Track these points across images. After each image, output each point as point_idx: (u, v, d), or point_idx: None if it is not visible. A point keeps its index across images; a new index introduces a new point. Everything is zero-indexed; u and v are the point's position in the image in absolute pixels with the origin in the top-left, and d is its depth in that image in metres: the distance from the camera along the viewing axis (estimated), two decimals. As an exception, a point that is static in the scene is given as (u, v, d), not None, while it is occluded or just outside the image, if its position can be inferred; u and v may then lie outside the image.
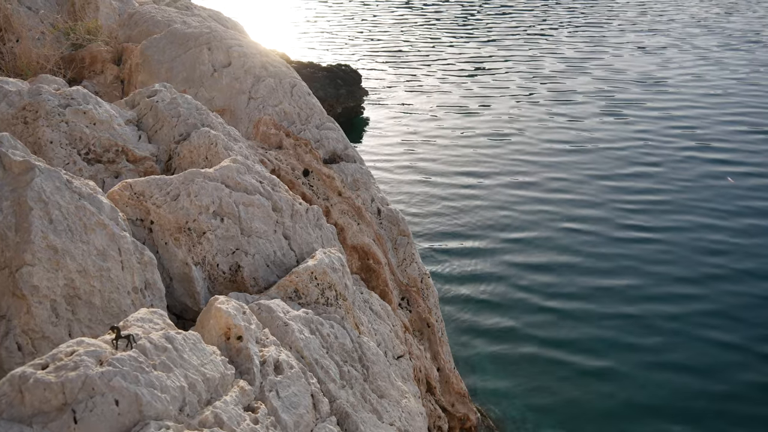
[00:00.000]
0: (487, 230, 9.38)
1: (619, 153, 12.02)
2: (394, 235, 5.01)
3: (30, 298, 2.23)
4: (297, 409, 2.20)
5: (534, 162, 11.89)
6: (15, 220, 2.31)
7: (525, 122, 14.02)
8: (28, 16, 6.72)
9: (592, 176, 11.14)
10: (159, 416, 1.70)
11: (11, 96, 3.51)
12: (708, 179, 10.81)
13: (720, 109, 14.23)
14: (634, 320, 7.25)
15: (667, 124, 13.38)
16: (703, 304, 7.49)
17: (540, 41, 21.56)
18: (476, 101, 15.58)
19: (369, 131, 14.04)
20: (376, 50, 21.07)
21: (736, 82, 16.12)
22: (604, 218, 9.64)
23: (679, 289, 7.77)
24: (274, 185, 3.60)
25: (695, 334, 6.98)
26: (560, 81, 16.85)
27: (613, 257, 8.55)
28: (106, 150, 3.63)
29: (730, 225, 9.27)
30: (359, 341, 3.02)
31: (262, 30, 23.23)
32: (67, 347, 1.71)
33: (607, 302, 7.58)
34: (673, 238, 8.95)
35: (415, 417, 3.17)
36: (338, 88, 14.61)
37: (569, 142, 12.70)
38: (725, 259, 8.37)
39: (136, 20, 6.50)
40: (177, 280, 3.03)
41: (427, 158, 12.27)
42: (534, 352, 6.77)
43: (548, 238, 9.09)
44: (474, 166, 11.82)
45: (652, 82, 16.35)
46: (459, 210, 10.06)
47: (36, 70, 5.72)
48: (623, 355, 6.69)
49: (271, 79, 5.33)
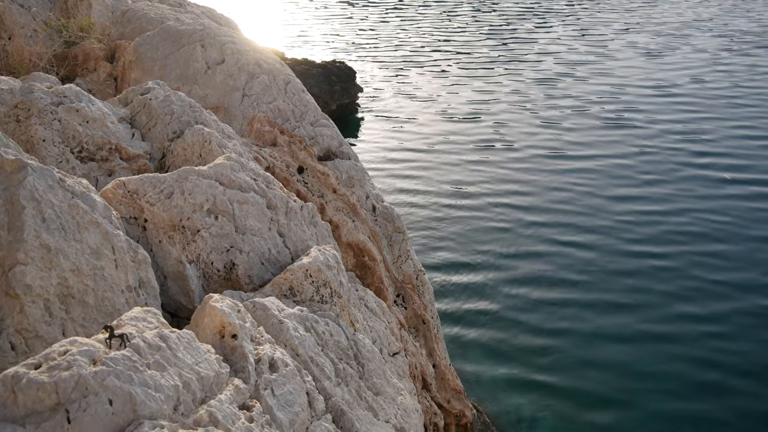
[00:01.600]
0: (483, 226, 9.40)
1: (618, 161, 11.50)
2: (389, 231, 5.01)
3: (23, 298, 2.21)
4: (292, 407, 2.20)
5: (533, 158, 11.91)
6: (7, 218, 2.30)
7: (521, 121, 14.03)
8: (21, 14, 6.67)
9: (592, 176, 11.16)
10: (153, 415, 1.70)
11: (3, 94, 3.49)
12: (712, 189, 10.30)
13: (726, 115, 13.70)
14: (634, 319, 7.29)
15: (667, 127, 12.94)
16: (703, 316, 7.32)
17: (539, 39, 21.57)
18: (471, 97, 15.58)
19: (363, 128, 14.03)
20: (370, 47, 21.04)
21: (742, 88, 15.50)
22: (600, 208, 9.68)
23: (678, 300, 7.56)
24: (269, 183, 3.59)
25: (692, 344, 6.92)
26: (557, 79, 16.86)
27: (612, 256, 8.59)
28: (99, 148, 3.61)
29: (734, 237, 8.87)
30: (354, 339, 3.02)
31: (255, 27, 23.17)
32: (60, 347, 1.70)
33: (604, 296, 7.62)
34: (676, 253, 8.52)
35: (411, 414, 3.17)
36: (333, 85, 14.58)
37: (565, 136, 12.73)
38: (729, 275, 7.98)
39: (129, 17, 6.46)
40: (171, 279, 3.02)
41: (422, 154, 12.27)
42: (530, 348, 6.79)
43: (547, 235, 9.12)
44: (469, 162, 11.83)
45: (652, 86, 15.84)
46: (455, 206, 10.07)
47: (28, 68, 5.69)
48: (621, 353, 6.72)
49: (265, 76, 5.31)
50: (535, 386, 6.26)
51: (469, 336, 7.02)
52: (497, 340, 6.94)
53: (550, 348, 6.77)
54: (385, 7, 28.53)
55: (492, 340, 6.95)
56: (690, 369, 6.48)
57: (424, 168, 11.62)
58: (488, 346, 6.86)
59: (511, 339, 6.93)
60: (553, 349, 6.76)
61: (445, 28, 23.71)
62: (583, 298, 7.59)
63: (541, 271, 8.16)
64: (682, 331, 7.00)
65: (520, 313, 7.36)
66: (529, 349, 6.77)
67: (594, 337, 6.92)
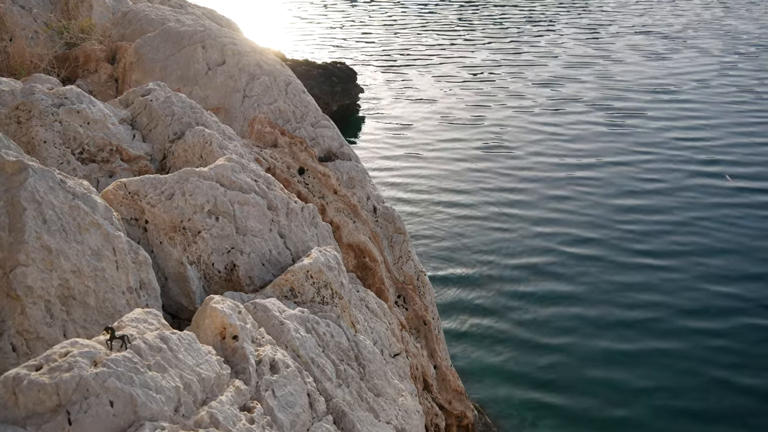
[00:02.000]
0: (485, 227, 9.39)
1: (621, 168, 11.30)
2: (390, 232, 5.01)
3: (24, 299, 2.21)
4: (293, 408, 2.20)
5: (534, 155, 11.91)
6: (8, 220, 2.30)
7: (522, 124, 14.02)
8: (21, 15, 6.68)
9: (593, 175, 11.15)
10: (154, 417, 1.69)
11: (4, 96, 3.49)
12: (717, 196, 10.11)
13: (729, 118, 13.50)
14: (638, 322, 7.27)
15: (671, 135, 12.67)
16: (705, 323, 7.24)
17: (539, 41, 21.55)
18: (473, 99, 15.58)
19: (364, 129, 14.03)
20: (371, 48, 21.05)
21: (748, 92, 15.27)
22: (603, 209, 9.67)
23: (678, 309, 7.43)
24: (269, 184, 3.59)
25: (693, 350, 6.83)
26: (560, 82, 16.82)
27: (613, 255, 8.58)
28: (100, 149, 3.61)
29: (737, 245, 8.70)
30: (355, 340, 3.02)
31: (256, 28, 23.18)
32: (61, 348, 1.70)
33: (607, 297, 7.61)
34: (678, 262, 8.35)
35: (412, 415, 3.17)
36: (333, 86, 14.59)
37: (568, 140, 12.72)
38: (734, 286, 7.83)
39: (130, 19, 6.47)
40: (172, 280, 3.02)
41: (423, 155, 12.27)
42: (532, 349, 6.79)
43: (548, 235, 9.11)
44: (470, 164, 11.83)
45: (654, 89, 15.63)
46: (456, 206, 10.07)
47: (29, 70, 5.69)
48: (625, 355, 6.71)
49: (266, 77, 5.31)
50: (537, 387, 6.26)
51: (471, 337, 7.01)
52: (499, 341, 6.94)
53: (551, 349, 6.76)
54: (386, 7, 28.54)
55: (494, 341, 6.94)
56: (692, 366, 6.47)
57: (425, 169, 11.62)
58: (490, 347, 6.85)
59: (512, 340, 6.93)
60: (554, 350, 6.75)
61: (447, 29, 23.72)
62: (586, 299, 7.58)
63: (542, 272, 8.16)
64: (686, 331, 7.00)
65: (522, 314, 7.35)
66: (530, 350, 6.77)
67: (597, 338, 6.91)
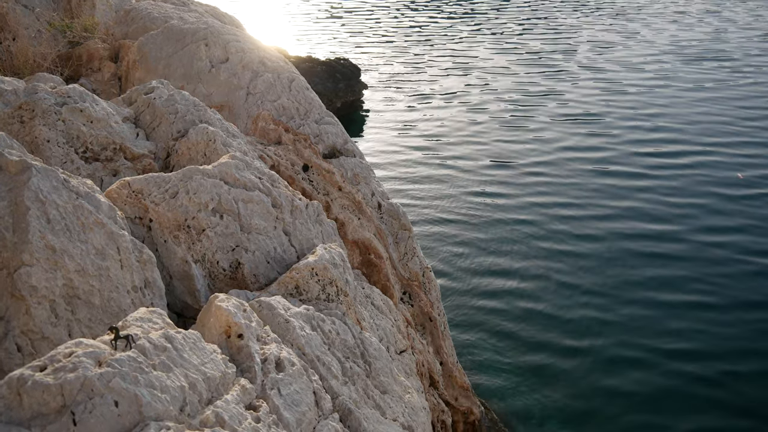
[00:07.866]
0: (491, 224, 9.36)
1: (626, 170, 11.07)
2: (395, 229, 4.99)
3: (29, 299, 2.21)
4: (299, 406, 2.19)
5: (539, 153, 11.86)
6: (12, 220, 2.29)
7: (529, 123, 13.97)
8: (25, 14, 6.68)
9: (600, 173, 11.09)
10: (159, 417, 1.69)
11: (7, 95, 3.48)
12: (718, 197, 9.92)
13: (725, 118, 13.29)
14: (639, 312, 7.25)
15: (666, 136, 12.45)
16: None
17: (552, 44, 21.38)
18: (478, 97, 15.52)
19: (369, 125, 14.00)
20: (375, 44, 21.00)
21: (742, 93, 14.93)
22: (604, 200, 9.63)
23: (688, 308, 7.35)
24: (274, 181, 3.58)
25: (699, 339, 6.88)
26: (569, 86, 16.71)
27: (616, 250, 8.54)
28: (103, 148, 3.61)
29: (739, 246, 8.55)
30: (361, 337, 3.00)
31: (259, 25, 23.16)
32: (65, 348, 1.70)
33: (614, 293, 7.58)
34: (688, 263, 8.22)
35: (419, 412, 3.16)
36: (337, 82, 14.56)
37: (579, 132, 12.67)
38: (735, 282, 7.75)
39: (133, 17, 6.46)
40: (177, 278, 3.02)
41: (427, 152, 12.23)
42: (539, 346, 6.76)
43: (558, 233, 9.07)
44: (475, 159, 11.79)
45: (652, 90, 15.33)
46: (461, 203, 10.04)
47: (33, 69, 5.69)
48: (633, 353, 6.68)
49: (270, 74, 5.30)
50: (544, 383, 6.23)
51: (477, 333, 6.99)
52: (505, 337, 6.92)
53: (558, 346, 6.74)
54: (391, 4, 28.46)
55: (499, 337, 6.92)
56: (700, 367, 6.44)
57: (430, 165, 11.59)
58: (496, 343, 6.83)
59: (519, 336, 6.90)
60: (561, 347, 6.73)
61: (452, 27, 23.63)
62: (593, 296, 7.54)
63: (548, 268, 8.13)
64: (696, 330, 6.96)
65: (528, 310, 7.33)
66: (537, 346, 6.74)
67: (604, 335, 6.88)
